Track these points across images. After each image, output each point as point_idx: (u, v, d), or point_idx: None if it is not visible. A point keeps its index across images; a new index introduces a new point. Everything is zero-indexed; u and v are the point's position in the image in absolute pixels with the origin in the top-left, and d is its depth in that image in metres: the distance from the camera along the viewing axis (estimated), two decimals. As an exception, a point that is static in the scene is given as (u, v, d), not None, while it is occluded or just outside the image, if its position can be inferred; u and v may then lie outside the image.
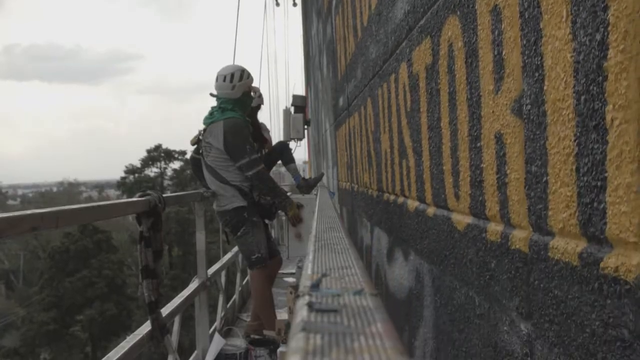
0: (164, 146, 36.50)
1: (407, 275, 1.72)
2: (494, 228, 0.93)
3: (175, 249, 31.36)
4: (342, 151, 4.09)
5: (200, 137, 3.82)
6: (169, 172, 36.82)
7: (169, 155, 36.65)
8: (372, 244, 2.58)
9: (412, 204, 1.59)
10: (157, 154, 36.57)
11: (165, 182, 36.36)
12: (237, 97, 3.76)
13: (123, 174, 35.98)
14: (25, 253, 39.33)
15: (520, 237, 0.83)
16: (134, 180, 35.49)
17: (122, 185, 35.84)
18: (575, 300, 0.68)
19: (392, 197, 1.93)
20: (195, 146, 3.93)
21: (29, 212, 1.48)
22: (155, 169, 36.62)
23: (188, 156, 35.32)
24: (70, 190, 48.64)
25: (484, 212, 0.98)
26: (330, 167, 5.76)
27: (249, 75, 3.84)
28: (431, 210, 1.35)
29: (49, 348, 26.59)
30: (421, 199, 1.49)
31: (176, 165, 36.61)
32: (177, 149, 36.49)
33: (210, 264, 4.13)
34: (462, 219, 1.10)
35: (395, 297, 1.95)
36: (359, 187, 3.00)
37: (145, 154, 36.28)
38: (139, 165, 36.26)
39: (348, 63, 3.17)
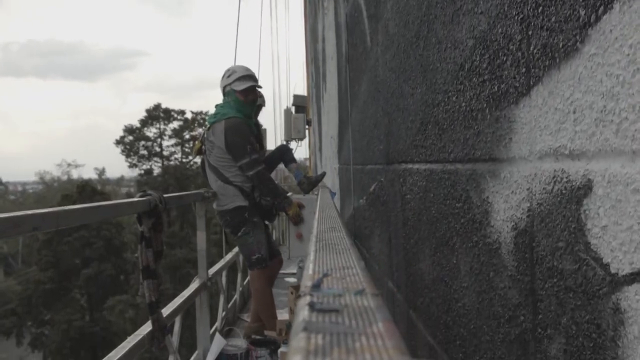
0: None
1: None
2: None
3: (173, 211, 31.25)
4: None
5: (205, 136, 3.85)
6: (167, 133, 36.60)
7: (168, 114, 36.31)
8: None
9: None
10: (157, 113, 36.26)
11: (164, 143, 36.20)
12: (223, 90, 3.82)
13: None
14: (23, 236, 39.35)
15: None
16: (133, 139, 35.32)
17: (121, 143, 35.64)
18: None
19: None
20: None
21: (30, 212, 1.48)
22: (154, 129, 36.39)
23: (188, 115, 35.07)
24: (69, 171, 49.15)
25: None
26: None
27: (230, 74, 3.81)
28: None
29: (44, 309, 26.52)
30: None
31: (175, 124, 36.41)
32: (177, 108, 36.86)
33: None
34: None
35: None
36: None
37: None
38: (138, 125, 36.09)
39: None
